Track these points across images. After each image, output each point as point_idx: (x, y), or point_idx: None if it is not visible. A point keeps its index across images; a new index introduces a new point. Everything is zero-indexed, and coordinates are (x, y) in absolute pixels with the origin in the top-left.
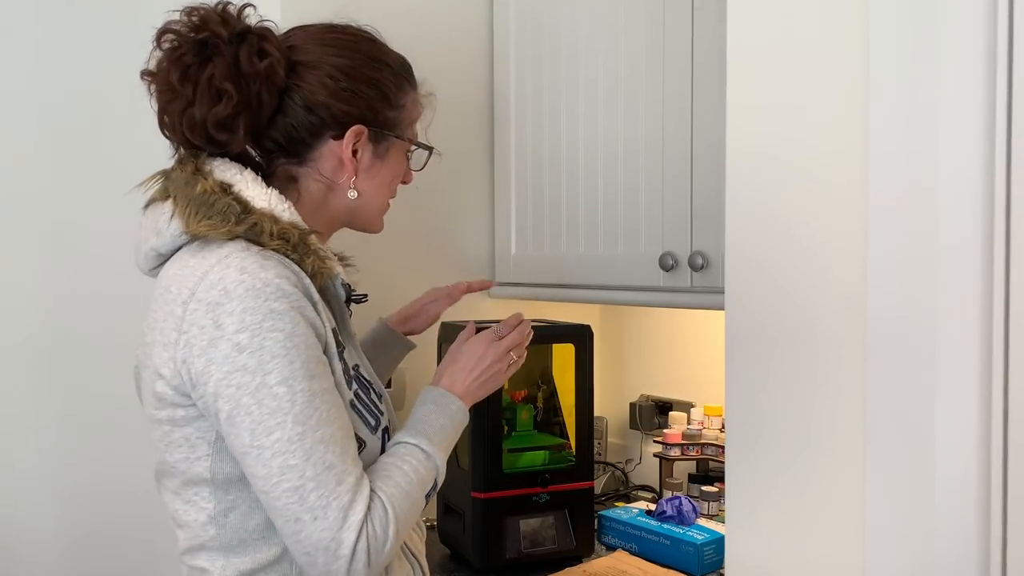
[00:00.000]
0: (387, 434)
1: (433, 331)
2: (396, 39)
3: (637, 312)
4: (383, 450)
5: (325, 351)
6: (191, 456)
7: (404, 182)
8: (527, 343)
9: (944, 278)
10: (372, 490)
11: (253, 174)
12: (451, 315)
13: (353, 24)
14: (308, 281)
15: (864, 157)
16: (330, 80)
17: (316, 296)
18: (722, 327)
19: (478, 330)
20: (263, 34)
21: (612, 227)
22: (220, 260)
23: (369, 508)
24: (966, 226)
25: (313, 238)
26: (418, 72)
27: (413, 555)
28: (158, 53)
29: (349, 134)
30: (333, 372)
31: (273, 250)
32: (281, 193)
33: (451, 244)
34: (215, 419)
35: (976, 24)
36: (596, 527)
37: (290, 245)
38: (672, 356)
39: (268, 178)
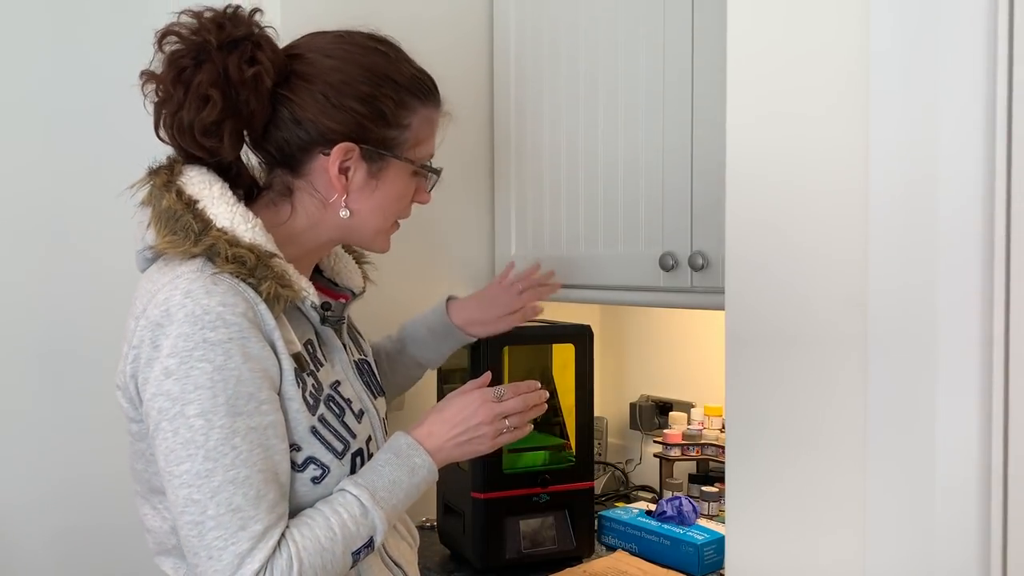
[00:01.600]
0: (361, 457)
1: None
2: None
3: (637, 312)
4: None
5: (281, 382)
6: (149, 469)
7: (419, 202)
8: (532, 416)
9: (945, 278)
10: (285, 539)
11: (222, 189)
12: None
13: (372, 33)
14: (263, 308)
15: (864, 157)
16: (321, 95)
17: (272, 323)
18: (722, 327)
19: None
20: (258, 42)
21: (612, 227)
22: (171, 280)
23: (271, 559)
24: (967, 226)
25: (277, 261)
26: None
27: (396, 563)
28: (160, 55)
29: (336, 151)
30: (290, 401)
31: (229, 273)
32: (275, 205)
33: (451, 244)
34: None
35: (976, 24)
36: (596, 527)
37: (246, 269)
38: (672, 356)
39: (264, 189)
